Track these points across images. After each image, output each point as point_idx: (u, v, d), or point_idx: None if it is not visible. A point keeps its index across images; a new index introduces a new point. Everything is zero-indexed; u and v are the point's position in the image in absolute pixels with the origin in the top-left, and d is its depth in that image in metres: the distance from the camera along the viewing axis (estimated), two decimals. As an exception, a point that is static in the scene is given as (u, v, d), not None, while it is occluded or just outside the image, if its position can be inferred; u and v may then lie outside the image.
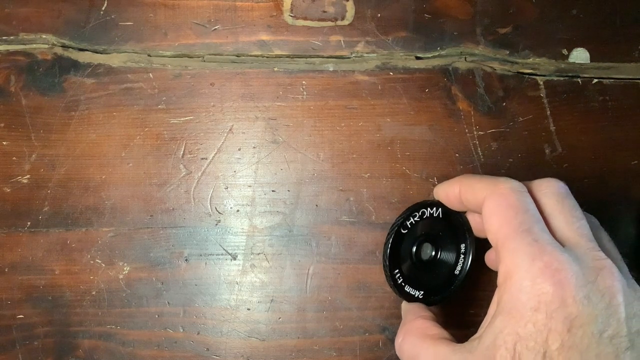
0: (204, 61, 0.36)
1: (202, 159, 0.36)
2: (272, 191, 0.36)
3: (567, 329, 0.22)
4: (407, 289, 0.30)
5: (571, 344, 0.22)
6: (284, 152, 0.36)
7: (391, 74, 0.36)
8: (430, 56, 0.37)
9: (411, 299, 0.30)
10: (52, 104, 0.36)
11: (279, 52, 0.36)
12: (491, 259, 0.31)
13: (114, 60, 0.36)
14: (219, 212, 0.36)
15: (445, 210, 0.30)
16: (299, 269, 0.35)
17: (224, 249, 0.35)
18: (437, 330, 0.27)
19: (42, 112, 0.35)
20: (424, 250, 0.31)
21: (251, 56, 0.36)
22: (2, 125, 0.35)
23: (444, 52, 0.37)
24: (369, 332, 0.35)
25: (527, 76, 0.37)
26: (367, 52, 0.36)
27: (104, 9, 0.36)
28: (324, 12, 0.37)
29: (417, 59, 0.37)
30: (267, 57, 0.37)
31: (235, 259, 0.35)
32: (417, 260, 0.31)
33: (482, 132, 0.36)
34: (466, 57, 0.37)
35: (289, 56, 0.37)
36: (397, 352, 0.28)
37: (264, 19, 0.36)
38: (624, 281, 0.23)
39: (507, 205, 0.25)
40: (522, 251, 0.23)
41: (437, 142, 0.36)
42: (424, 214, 0.30)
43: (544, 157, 0.36)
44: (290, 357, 0.35)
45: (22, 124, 0.35)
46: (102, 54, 0.36)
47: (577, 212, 0.26)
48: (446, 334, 0.27)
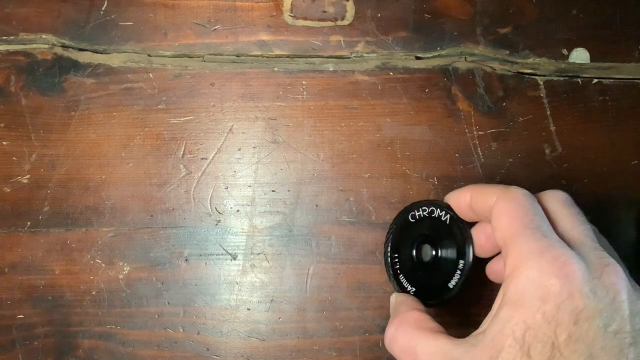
0: (204, 61, 0.36)
1: (202, 159, 0.36)
2: (272, 191, 0.36)
3: (574, 321, 0.22)
4: (401, 278, 0.30)
5: (578, 336, 0.22)
6: (284, 152, 0.36)
7: (391, 74, 0.36)
8: (430, 56, 0.37)
9: (404, 291, 0.30)
10: (52, 104, 0.36)
11: (279, 52, 0.36)
12: (493, 270, 0.31)
13: (114, 60, 0.36)
14: (219, 212, 0.36)
15: (452, 217, 0.30)
16: (299, 269, 0.35)
17: (224, 249, 0.35)
18: (433, 324, 0.26)
19: (42, 112, 0.35)
20: (424, 250, 0.31)
21: (251, 56, 0.36)
22: (2, 125, 0.35)
23: (444, 52, 0.37)
24: (369, 332, 0.35)
25: (527, 76, 0.37)
26: (367, 52, 0.36)
27: (104, 9, 0.36)
28: (324, 12, 0.37)
29: (417, 59, 0.37)
30: (267, 57, 0.37)
31: (235, 259, 0.35)
32: (417, 258, 0.31)
33: (482, 132, 0.36)
34: (466, 57, 0.37)
35: (289, 56, 0.37)
36: (387, 344, 0.27)
37: (264, 19, 0.36)
38: (627, 280, 0.24)
39: (517, 205, 0.26)
40: (531, 245, 0.24)
41: (437, 142, 0.36)
42: (433, 212, 0.30)
43: (544, 157, 0.36)
44: (290, 357, 0.35)
45: (22, 124, 0.35)
46: (102, 54, 0.36)
47: (582, 217, 0.26)
48: (443, 329, 0.26)
